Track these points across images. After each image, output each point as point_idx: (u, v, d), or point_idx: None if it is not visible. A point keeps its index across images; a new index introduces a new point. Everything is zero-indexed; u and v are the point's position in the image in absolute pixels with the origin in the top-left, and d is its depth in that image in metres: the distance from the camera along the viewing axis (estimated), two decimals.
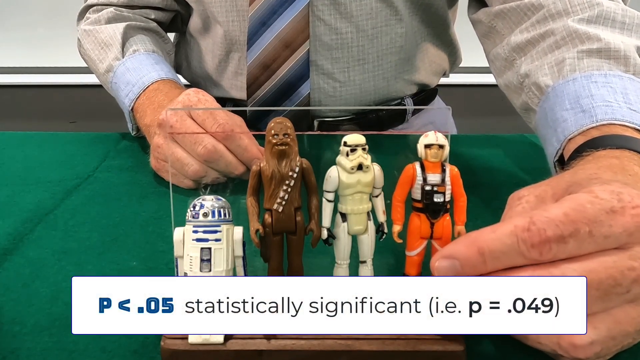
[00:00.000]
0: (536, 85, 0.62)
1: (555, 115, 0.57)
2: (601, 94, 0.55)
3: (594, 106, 0.54)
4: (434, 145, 0.41)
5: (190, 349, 0.40)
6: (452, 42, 0.95)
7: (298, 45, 0.81)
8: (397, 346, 0.40)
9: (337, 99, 0.86)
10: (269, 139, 0.41)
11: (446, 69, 0.98)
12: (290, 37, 0.81)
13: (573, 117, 0.55)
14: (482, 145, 0.83)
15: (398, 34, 0.86)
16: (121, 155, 0.79)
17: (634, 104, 0.54)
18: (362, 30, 0.84)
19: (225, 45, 0.88)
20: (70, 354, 0.43)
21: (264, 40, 0.81)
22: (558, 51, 0.62)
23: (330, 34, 0.83)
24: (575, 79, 0.58)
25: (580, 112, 0.55)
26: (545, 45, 0.64)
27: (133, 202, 0.65)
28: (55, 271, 0.53)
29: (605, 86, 0.56)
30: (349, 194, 0.42)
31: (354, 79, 0.86)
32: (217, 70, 0.92)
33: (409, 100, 0.93)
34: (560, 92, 0.58)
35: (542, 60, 0.63)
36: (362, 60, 0.86)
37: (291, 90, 0.83)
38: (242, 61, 0.87)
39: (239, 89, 0.90)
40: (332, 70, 0.85)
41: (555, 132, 0.56)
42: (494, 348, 0.44)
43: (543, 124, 0.60)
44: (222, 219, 0.41)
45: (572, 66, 0.59)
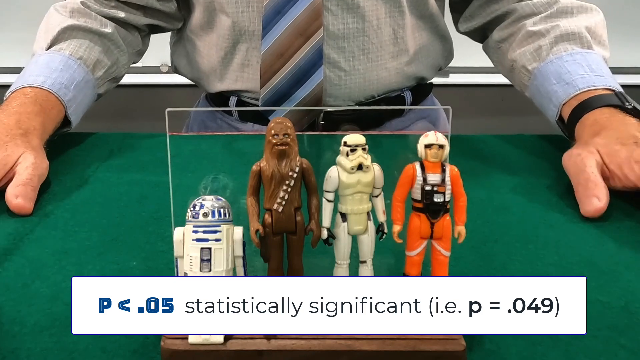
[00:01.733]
0: (524, 68, 0.85)
1: (547, 89, 0.80)
2: (574, 69, 0.78)
3: (574, 79, 0.76)
4: (434, 145, 0.41)
5: (190, 349, 0.40)
6: (444, 36, 0.99)
7: (312, 33, 0.84)
8: (397, 346, 0.40)
9: (341, 88, 0.89)
10: (269, 139, 0.41)
11: (441, 65, 1.01)
12: (304, 26, 0.83)
13: (561, 89, 0.77)
14: (482, 145, 0.83)
15: (399, 25, 0.89)
16: (121, 155, 0.79)
17: (596, 71, 0.77)
18: (367, 21, 0.87)
19: (233, 36, 0.89)
20: (70, 354, 0.43)
21: (278, 28, 0.84)
22: (531, 40, 0.85)
23: (337, 24, 0.86)
24: (552, 61, 0.81)
25: (565, 85, 0.77)
26: (520, 36, 0.86)
27: (133, 202, 0.65)
28: (55, 271, 0.53)
29: (574, 63, 0.79)
30: (349, 194, 0.42)
31: (358, 68, 0.89)
32: (222, 63, 0.92)
33: (407, 93, 0.96)
34: (545, 71, 0.81)
35: (523, 48, 0.85)
36: (366, 50, 0.88)
37: (305, 77, 0.86)
38: (250, 52, 0.89)
39: (245, 81, 0.91)
40: (337, 59, 0.88)
41: (551, 101, 0.79)
42: (494, 348, 0.44)
43: (538, 96, 0.82)
44: (222, 219, 0.41)
45: (546, 51, 0.82)
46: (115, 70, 0.91)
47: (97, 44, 0.88)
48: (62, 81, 0.81)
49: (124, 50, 0.92)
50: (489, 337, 0.45)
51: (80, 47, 0.86)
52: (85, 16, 0.88)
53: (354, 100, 0.91)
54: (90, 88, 0.86)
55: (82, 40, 0.87)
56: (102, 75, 0.88)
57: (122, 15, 0.90)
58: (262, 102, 0.88)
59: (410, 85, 0.96)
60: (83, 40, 0.87)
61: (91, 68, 0.86)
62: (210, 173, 0.69)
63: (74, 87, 0.81)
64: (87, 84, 0.85)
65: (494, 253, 0.56)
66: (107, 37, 0.89)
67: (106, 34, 0.88)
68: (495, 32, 0.91)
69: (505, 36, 0.89)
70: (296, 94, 0.86)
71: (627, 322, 0.47)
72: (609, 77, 0.77)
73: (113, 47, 0.90)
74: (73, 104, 0.81)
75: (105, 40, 0.89)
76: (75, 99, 0.81)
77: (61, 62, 0.83)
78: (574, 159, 0.67)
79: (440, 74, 1.02)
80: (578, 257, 0.55)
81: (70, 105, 0.80)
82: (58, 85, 0.80)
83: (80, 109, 0.84)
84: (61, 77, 0.81)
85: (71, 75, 0.82)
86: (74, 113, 0.81)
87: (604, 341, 0.45)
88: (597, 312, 0.48)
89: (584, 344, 0.44)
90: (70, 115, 0.80)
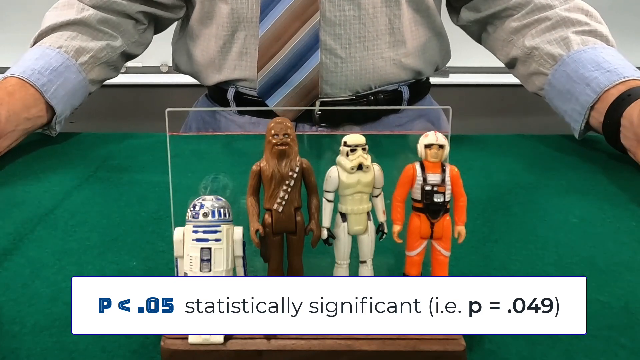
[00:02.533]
0: (549, 55, 0.85)
1: (583, 75, 0.80)
2: (613, 60, 0.80)
3: (615, 68, 0.78)
4: (434, 145, 0.41)
5: (190, 349, 0.40)
6: (441, 34, 1.00)
7: (308, 17, 0.85)
8: (397, 346, 0.40)
9: (337, 75, 0.90)
10: (269, 139, 0.41)
11: (438, 62, 1.01)
12: (300, 10, 0.85)
13: (602, 76, 0.78)
14: (482, 145, 0.83)
15: (395, 15, 0.90)
16: (121, 155, 0.79)
17: (631, 66, 0.79)
18: (363, 9, 0.88)
19: (232, 24, 0.90)
20: (70, 354, 0.43)
21: (275, 12, 0.85)
22: (555, 31, 0.86)
23: (334, 10, 0.87)
24: (586, 50, 0.82)
25: (606, 72, 0.78)
26: (543, 26, 0.87)
27: (133, 202, 0.66)
28: (55, 271, 0.53)
29: (609, 55, 0.80)
30: (349, 194, 0.42)
31: (354, 55, 0.90)
32: (221, 53, 0.93)
33: (405, 88, 0.96)
34: (578, 58, 0.82)
35: (544, 37, 0.87)
36: (362, 37, 0.89)
37: (301, 61, 0.87)
38: (248, 39, 0.90)
39: (244, 69, 0.92)
40: (334, 46, 0.88)
41: (589, 86, 0.79)
42: (494, 348, 0.44)
43: (567, 81, 0.82)
44: (222, 219, 0.41)
45: (576, 41, 0.84)
46: (106, 55, 0.92)
47: (81, 33, 0.90)
48: (35, 67, 0.82)
49: (114, 36, 0.93)
50: (489, 337, 0.45)
51: (60, 37, 0.88)
52: (71, 8, 0.91)
53: (351, 90, 0.91)
54: (73, 72, 0.87)
55: (63, 32, 0.89)
56: (87, 60, 0.89)
57: (114, 1, 0.92)
58: (259, 86, 0.89)
59: (408, 79, 0.96)
60: (64, 32, 0.89)
61: (72, 54, 0.87)
62: (210, 173, 0.69)
63: (49, 72, 0.83)
64: (67, 68, 0.86)
65: (494, 253, 0.56)
66: (91, 25, 0.90)
67: (90, 22, 0.90)
68: (508, 23, 0.91)
69: (519, 27, 0.90)
70: (292, 78, 0.88)
71: (627, 322, 0.47)
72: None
73: (100, 33, 0.91)
74: (51, 88, 0.82)
75: (89, 29, 0.90)
76: (53, 83, 0.83)
77: (37, 52, 0.86)
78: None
79: (439, 74, 1.03)
80: (578, 257, 0.55)
81: (47, 90, 0.81)
82: (30, 71, 0.81)
83: (62, 93, 0.84)
84: (35, 64, 0.83)
85: (47, 62, 0.84)
86: (55, 97, 0.82)
87: (604, 341, 0.45)
88: (597, 312, 0.48)
89: (584, 344, 0.44)
90: (50, 99, 0.81)
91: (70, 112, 0.89)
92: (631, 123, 0.71)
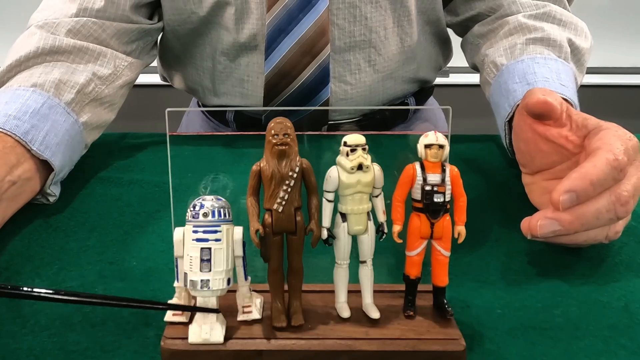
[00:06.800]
0: (493, 64, 0.79)
1: (508, 87, 0.73)
2: (542, 72, 0.72)
3: (536, 81, 0.71)
4: (434, 145, 0.41)
5: (190, 349, 0.40)
6: (446, 38, 0.98)
7: (318, 51, 0.80)
8: (397, 346, 0.40)
9: (347, 102, 0.86)
10: (269, 139, 0.41)
11: (441, 64, 1.00)
12: (310, 43, 0.79)
13: (521, 89, 0.70)
14: (482, 145, 0.83)
15: (407, 34, 0.87)
16: (121, 155, 0.79)
17: (563, 81, 0.71)
18: (374, 32, 0.84)
19: (234, 51, 0.84)
20: (70, 354, 0.43)
21: (283, 47, 0.80)
22: (511, 37, 0.80)
23: (344, 37, 0.83)
24: (523, 60, 0.75)
25: (526, 85, 0.70)
26: (501, 32, 0.82)
27: (133, 202, 0.65)
28: (55, 271, 0.53)
29: (544, 66, 0.73)
30: (349, 194, 0.42)
31: (364, 80, 0.86)
32: (220, 77, 0.87)
33: (411, 99, 0.95)
34: (512, 69, 0.75)
35: (499, 44, 0.80)
36: (372, 61, 0.86)
37: (311, 95, 0.82)
38: (250, 67, 0.85)
39: (244, 97, 0.87)
40: (343, 72, 0.85)
41: (507, 99, 0.72)
42: (494, 348, 0.44)
43: (497, 93, 0.76)
44: (222, 219, 0.41)
45: (521, 50, 0.77)
46: (95, 90, 0.73)
47: (58, 64, 0.72)
48: (8, 112, 0.63)
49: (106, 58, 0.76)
50: (489, 337, 0.45)
51: (31, 76, 0.70)
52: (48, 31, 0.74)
53: (359, 113, 0.89)
54: (60, 114, 0.68)
55: (33, 69, 0.71)
56: (74, 98, 0.71)
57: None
58: (264, 116, 0.86)
59: (414, 90, 0.95)
60: (36, 68, 0.71)
61: (53, 92, 0.69)
62: (210, 173, 0.69)
63: (30, 116, 0.64)
64: (52, 109, 0.67)
65: (494, 253, 0.56)
66: (68, 51, 0.73)
67: (65, 47, 0.73)
68: (476, 28, 0.87)
69: (485, 32, 0.85)
70: (301, 111, 0.83)
71: (627, 322, 0.47)
72: (573, 92, 0.71)
73: (82, 61, 0.74)
74: (37, 136, 0.63)
75: (69, 55, 0.74)
76: (39, 129, 0.64)
77: (6, 95, 0.67)
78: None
79: (440, 73, 1.02)
80: (578, 256, 0.55)
81: (33, 139, 0.63)
82: (3, 117, 0.62)
83: (55, 141, 0.65)
84: (6, 108, 0.64)
85: (23, 104, 0.65)
86: (47, 147, 0.64)
87: (604, 341, 0.45)
88: (597, 312, 0.48)
89: (584, 344, 0.44)
90: (41, 151, 0.62)
91: (69, 169, 0.70)
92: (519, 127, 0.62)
